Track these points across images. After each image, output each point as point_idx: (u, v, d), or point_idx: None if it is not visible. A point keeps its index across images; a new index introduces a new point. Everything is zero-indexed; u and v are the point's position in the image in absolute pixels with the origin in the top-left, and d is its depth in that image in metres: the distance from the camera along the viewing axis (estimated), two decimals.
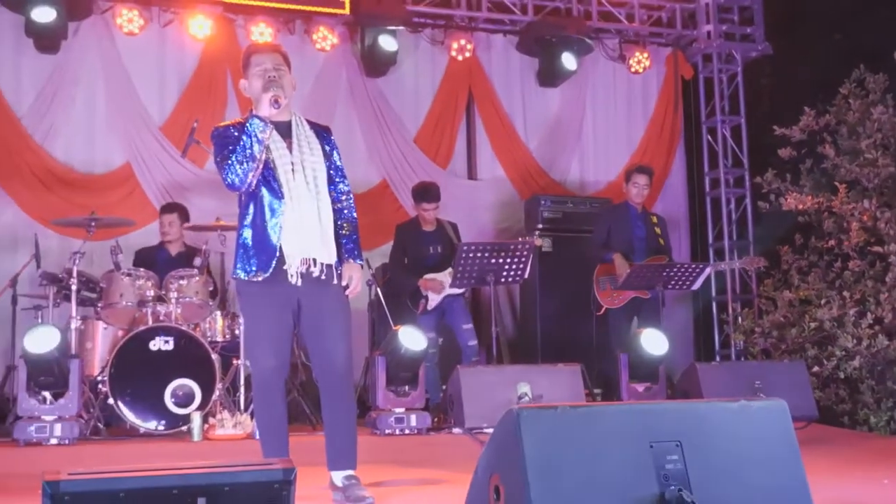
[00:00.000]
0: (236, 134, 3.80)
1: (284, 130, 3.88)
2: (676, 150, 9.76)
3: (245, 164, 3.71)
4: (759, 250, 8.74)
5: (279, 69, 3.88)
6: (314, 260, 3.81)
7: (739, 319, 8.43)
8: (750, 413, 2.55)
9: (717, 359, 9.27)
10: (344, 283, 3.90)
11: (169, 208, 7.29)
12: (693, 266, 6.74)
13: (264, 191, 3.81)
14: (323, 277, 3.83)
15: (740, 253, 9.16)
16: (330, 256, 3.87)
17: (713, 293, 9.48)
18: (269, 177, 3.82)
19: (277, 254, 3.78)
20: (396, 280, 7.08)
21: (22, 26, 7.91)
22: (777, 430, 2.56)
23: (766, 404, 2.60)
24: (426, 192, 7.05)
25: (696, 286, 6.87)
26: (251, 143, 3.70)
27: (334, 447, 3.94)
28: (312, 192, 3.84)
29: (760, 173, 8.01)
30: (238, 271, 3.83)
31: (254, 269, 3.79)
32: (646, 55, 9.52)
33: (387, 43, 8.56)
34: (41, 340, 5.28)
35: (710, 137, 9.78)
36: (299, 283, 3.78)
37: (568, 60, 9.03)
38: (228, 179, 3.75)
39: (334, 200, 3.97)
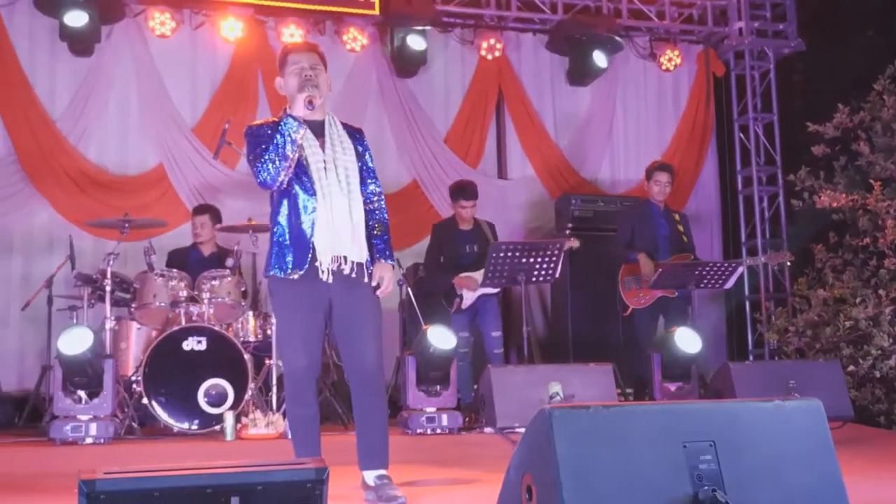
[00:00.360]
0: (269, 132, 3.82)
1: (318, 129, 3.90)
2: (708, 148, 9.69)
3: (278, 162, 3.72)
4: (793, 249, 8.65)
5: (315, 68, 3.90)
6: (345, 258, 3.82)
7: (773, 318, 8.35)
8: (785, 413, 2.53)
9: (751, 358, 9.19)
10: (375, 283, 3.91)
11: (201, 209, 7.33)
12: (726, 265, 6.69)
13: (297, 188, 3.83)
14: (353, 276, 3.84)
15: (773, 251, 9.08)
16: (361, 255, 3.87)
17: (746, 292, 9.39)
18: (301, 175, 3.83)
19: (311, 251, 3.79)
20: (431, 278, 7.08)
21: (56, 30, 8.00)
22: (812, 430, 2.53)
23: (800, 404, 2.58)
24: (463, 190, 7.05)
25: (729, 285, 6.82)
26: (284, 143, 3.71)
27: (366, 447, 3.95)
28: (344, 191, 3.85)
29: (794, 171, 7.94)
30: (274, 269, 3.84)
31: (289, 266, 3.80)
32: (676, 53, 9.46)
33: (416, 43, 8.58)
34: (75, 341, 5.33)
35: (742, 135, 9.70)
36: (330, 280, 3.79)
37: (598, 59, 9.00)
38: (261, 177, 3.76)
39: (366, 201, 3.98)
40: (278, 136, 3.72)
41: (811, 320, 7.48)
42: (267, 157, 3.73)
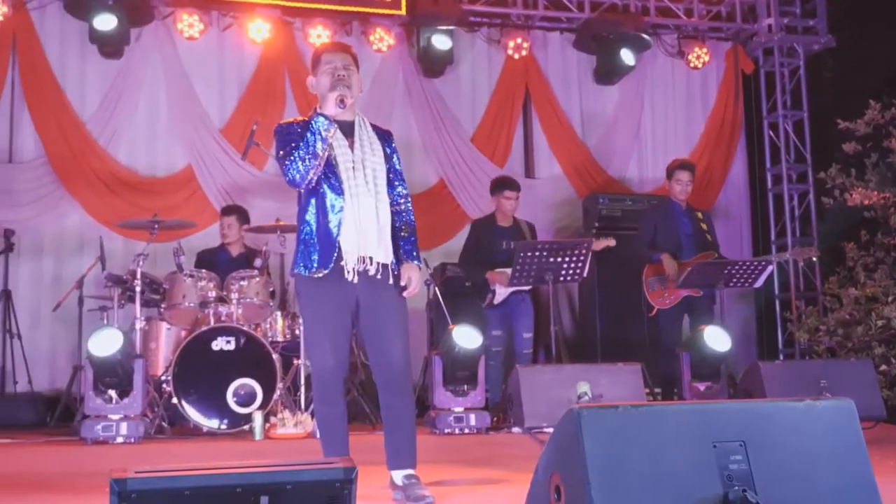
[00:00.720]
0: (300, 130, 3.83)
1: (347, 129, 3.91)
2: (737, 146, 9.62)
3: (307, 160, 3.73)
4: (824, 247, 8.57)
5: (348, 69, 3.91)
6: (370, 258, 3.83)
7: (804, 317, 8.27)
8: (816, 413, 2.50)
9: (781, 358, 9.11)
10: (403, 284, 3.91)
11: (228, 210, 7.37)
12: (755, 263, 6.63)
13: (325, 188, 3.83)
14: (379, 277, 3.85)
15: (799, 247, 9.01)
16: (386, 256, 3.87)
17: (776, 290, 9.33)
18: (330, 174, 3.84)
19: (337, 250, 3.81)
20: (465, 271, 7.09)
21: (86, 33, 8.08)
22: (844, 430, 2.51)
23: (832, 404, 2.55)
24: (508, 181, 7.11)
25: (759, 284, 6.76)
26: (315, 141, 3.72)
27: (393, 446, 3.95)
28: (372, 192, 3.85)
29: (824, 168, 7.86)
30: (299, 267, 3.85)
31: (315, 264, 3.81)
32: (705, 50, 9.40)
33: (443, 43, 8.58)
34: (105, 343, 5.38)
35: (771, 133, 9.63)
36: (356, 280, 3.80)
37: (626, 57, 8.96)
38: (289, 175, 3.77)
39: (393, 203, 3.98)
40: (309, 135, 3.73)
41: (842, 319, 7.41)
42: (297, 155, 3.74)
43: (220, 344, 6.06)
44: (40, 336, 7.83)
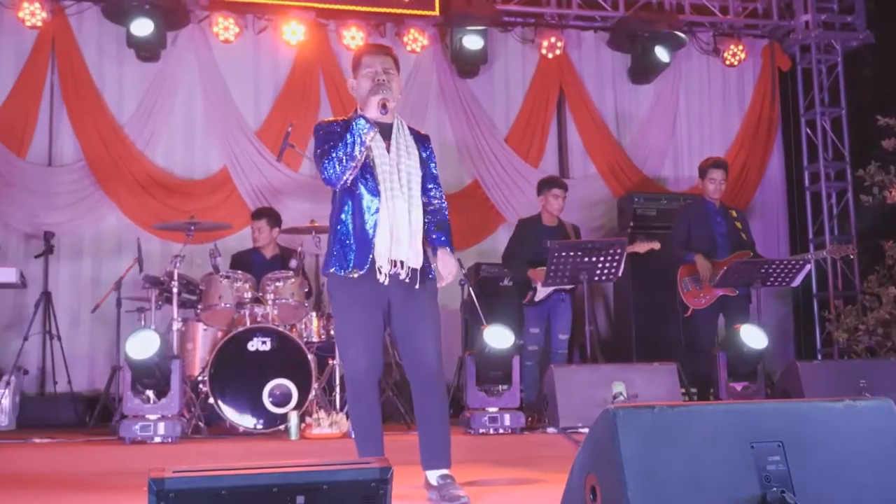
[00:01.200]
0: (339, 130, 3.84)
1: (385, 132, 3.90)
2: (774, 143, 9.52)
3: (345, 161, 3.73)
4: (862, 245, 8.47)
5: (389, 72, 3.91)
6: (402, 262, 3.83)
7: (842, 317, 8.18)
8: (855, 413, 2.47)
9: (819, 357, 9.01)
10: (440, 269, 3.91)
11: (257, 214, 7.38)
12: (793, 262, 6.56)
13: (362, 188, 3.84)
14: (408, 280, 3.85)
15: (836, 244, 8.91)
16: (417, 261, 3.87)
17: (814, 289, 9.23)
18: (367, 175, 3.84)
19: (372, 251, 3.81)
20: (507, 267, 7.09)
21: (123, 37, 8.16)
22: (884, 431, 2.47)
23: (872, 404, 2.52)
24: (556, 180, 7.24)
25: (797, 283, 6.70)
26: (354, 143, 3.73)
27: (428, 446, 3.95)
28: (405, 196, 3.85)
29: (863, 166, 7.76)
30: (334, 267, 3.86)
31: (351, 265, 3.82)
32: (741, 47, 9.32)
33: (476, 43, 8.57)
34: (143, 345, 5.42)
35: (809, 130, 9.53)
36: (387, 282, 3.81)
37: (661, 55, 8.90)
38: (326, 174, 3.78)
39: (427, 203, 3.98)
40: (348, 136, 3.74)
41: (882, 318, 7.32)
42: (335, 155, 3.75)
43: (255, 344, 6.10)
44: (79, 337, 7.92)
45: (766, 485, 2.25)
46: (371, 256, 3.80)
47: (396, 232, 3.81)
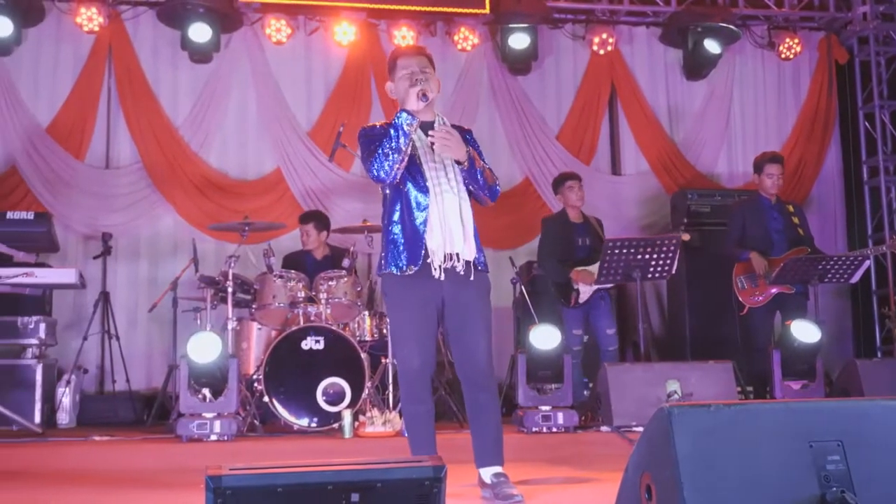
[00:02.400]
0: (382, 132, 3.87)
1: (428, 129, 3.93)
2: (831, 137, 9.36)
3: (391, 156, 3.77)
4: None
5: (425, 71, 3.93)
6: (457, 255, 3.85)
7: None
8: None
9: (879, 355, 8.84)
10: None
11: (305, 218, 7.40)
12: (851, 258, 6.43)
13: (410, 186, 3.87)
14: (463, 273, 3.86)
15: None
16: (471, 253, 3.89)
17: (873, 286, 9.05)
18: (414, 172, 3.87)
19: (424, 248, 3.83)
20: (547, 271, 7.04)
21: (177, 40, 8.27)
22: None
23: None
24: (564, 173, 7.19)
25: (856, 279, 6.57)
26: (397, 136, 3.76)
27: (481, 444, 3.96)
28: (454, 190, 3.87)
29: None
30: (389, 267, 3.89)
31: (404, 263, 3.84)
32: (796, 41, 9.17)
33: (527, 41, 8.55)
34: (203, 348, 5.53)
35: (867, 124, 9.36)
36: (442, 277, 3.83)
37: (714, 50, 8.80)
38: (374, 171, 3.81)
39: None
40: (392, 130, 3.78)
41: None
42: (381, 151, 3.78)
43: (309, 343, 6.15)
44: (137, 336, 8.04)
45: (826, 485, 2.22)
46: (423, 253, 3.82)
47: (447, 226, 3.83)
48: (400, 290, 3.90)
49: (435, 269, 3.81)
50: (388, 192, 3.95)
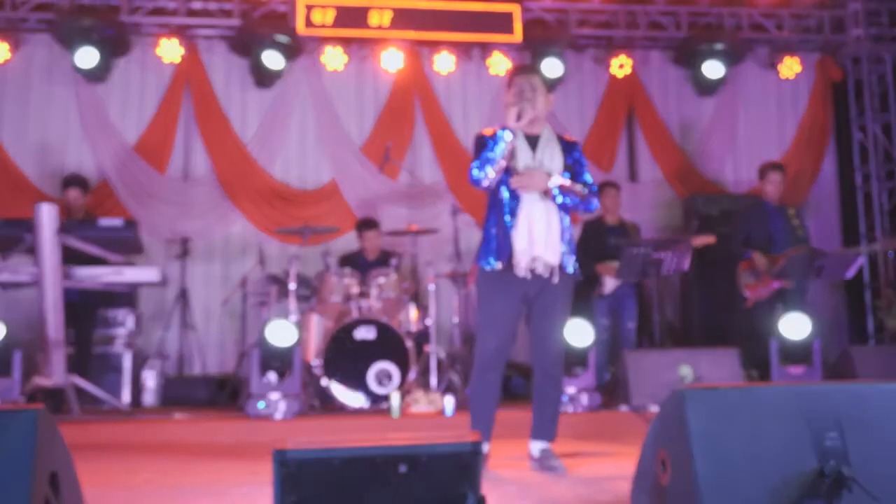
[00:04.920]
0: (487, 139, 3.90)
1: (533, 142, 3.95)
2: (827, 148, 9.23)
3: (488, 164, 3.80)
4: None
5: (535, 90, 3.95)
6: (539, 259, 3.85)
7: (893, 305, 7.88)
8: None
9: (871, 343, 8.70)
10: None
11: (369, 225, 7.30)
12: (846, 254, 6.37)
13: (505, 192, 3.89)
14: (546, 276, 3.87)
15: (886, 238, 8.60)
16: (554, 258, 3.87)
17: (866, 280, 8.92)
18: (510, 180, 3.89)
19: (510, 248, 3.84)
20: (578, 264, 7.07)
21: (246, 66, 8.36)
22: None
23: None
24: (606, 182, 7.31)
25: (850, 275, 6.47)
26: (496, 146, 3.79)
27: (540, 420, 4.03)
28: (544, 199, 3.87)
29: None
30: (482, 262, 3.92)
31: (494, 260, 3.86)
32: (796, 60, 9.05)
33: (554, 64, 8.53)
34: (282, 334, 5.65)
35: (860, 135, 9.21)
36: (528, 277, 3.84)
37: (721, 71, 8.73)
38: (473, 175, 3.84)
39: None
40: (491, 142, 3.83)
41: None
42: (482, 158, 3.83)
43: (361, 333, 6.20)
44: (211, 327, 8.13)
45: (824, 459, 2.19)
46: (510, 252, 3.83)
47: (533, 231, 3.83)
48: (488, 283, 3.92)
49: (520, 269, 3.82)
50: (490, 194, 3.97)
